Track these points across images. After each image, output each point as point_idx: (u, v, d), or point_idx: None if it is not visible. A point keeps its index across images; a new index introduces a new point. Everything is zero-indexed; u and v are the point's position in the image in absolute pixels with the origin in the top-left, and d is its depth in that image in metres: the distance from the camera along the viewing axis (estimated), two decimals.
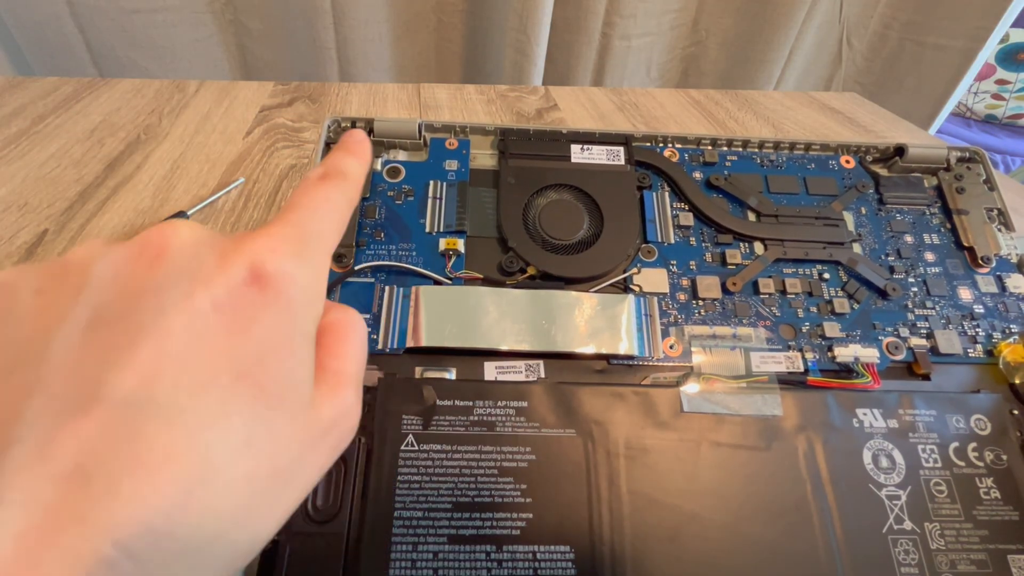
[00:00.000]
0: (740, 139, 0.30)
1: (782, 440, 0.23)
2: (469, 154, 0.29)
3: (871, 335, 0.26)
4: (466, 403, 0.22)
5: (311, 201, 0.14)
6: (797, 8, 0.83)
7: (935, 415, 0.24)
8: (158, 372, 0.10)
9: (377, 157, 0.28)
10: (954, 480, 0.23)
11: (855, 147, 0.31)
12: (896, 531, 0.22)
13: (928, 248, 0.28)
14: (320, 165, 0.16)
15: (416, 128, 0.29)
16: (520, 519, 0.21)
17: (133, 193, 0.43)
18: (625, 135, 0.29)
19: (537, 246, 0.26)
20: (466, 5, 0.79)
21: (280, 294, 0.12)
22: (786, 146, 0.30)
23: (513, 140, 0.29)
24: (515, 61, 0.77)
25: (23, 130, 0.48)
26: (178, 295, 0.11)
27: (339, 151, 0.16)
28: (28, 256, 0.37)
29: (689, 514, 0.21)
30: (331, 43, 0.75)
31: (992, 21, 0.78)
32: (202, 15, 0.73)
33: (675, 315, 0.26)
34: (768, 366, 0.25)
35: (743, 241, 0.28)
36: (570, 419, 0.23)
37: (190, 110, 0.54)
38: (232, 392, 0.11)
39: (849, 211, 0.29)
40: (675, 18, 0.86)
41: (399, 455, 0.21)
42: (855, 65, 0.93)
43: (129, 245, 0.12)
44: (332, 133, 0.29)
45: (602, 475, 0.22)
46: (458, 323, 0.24)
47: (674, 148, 0.30)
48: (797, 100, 0.68)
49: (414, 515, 0.20)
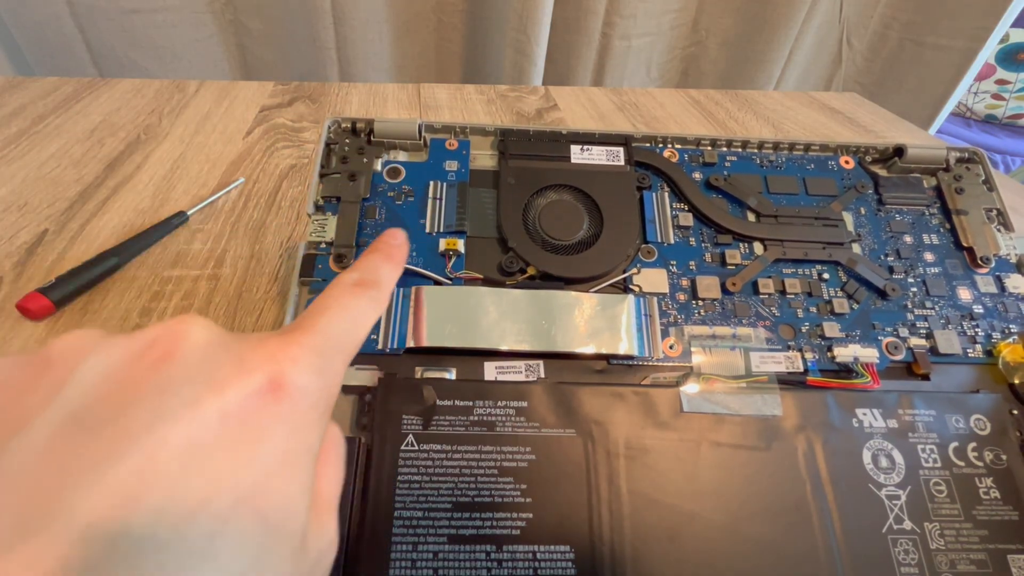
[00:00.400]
0: (740, 139, 0.30)
1: (782, 440, 0.23)
2: (469, 154, 0.29)
3: (871, 335, 0.26)
4: (466, 403, 0.22)
5: (342, 310, 0.13)
6: (797, 8, 0.83)
7: (935, 415, 0.24)
8: (139, 493, 0.08)
9: (377, 158, 0.28)
10: (954, 480, 0.23)
11: (854, 147, 0.31)
12: (896, 531, 0.22)
13: (927, 248, 0.28)
14: (355, 269, 0.15)
15: (416, 129, 0.29)
16: (520, 519, 0.21)
17: (133, 193, 0.43)
18: (625, 135, 0.30)
19: (537, 246, 0.26)
20: (466, 5, 0.79)
21: (296, 407, 0.11)
22: (785, 146, 0.30)
23: (513, 141, 0.29)
24: (515, 61, 0.77)
25: (23, 130, 0.48)
26: (182, 401, 0.09)
27: (377, 256, 0.15)
28: (28, 256, 0.37)
29: (689, 514, 0.21)
30: (331, 43, 0.76)
31: (992, 21, 0.78)
32: (202, 15, 0.73)
33: (675, 315, 0.26)
34: (768, 366, 0.25)
35: (743, 241, 0.28)
36: (570, 419, 0.23)
37: (190, 110, 0.54)
38: (228, 521, 0.09)
39: (848, 211, 0.29)
40: (675, 18, 0.86)
41: (399, 455, 0.21)
42: (855, 65, 0.93)
43: (131, 340, 0.11)
44: (332, 133, 0.29)
45: (602, 475, 0.22)
46: (458, 323, 0.24)
47: (674, 148, 0.30)
48: (797, 100, 0.68)
49: (414, 515, 0.20)
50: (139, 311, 0.34)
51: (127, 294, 0.35)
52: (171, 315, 0.34)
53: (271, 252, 0.39)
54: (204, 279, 0.36)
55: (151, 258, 0.37)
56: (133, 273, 0.36)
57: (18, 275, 0.35)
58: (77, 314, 0.34)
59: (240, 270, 0.37)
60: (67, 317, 0.33)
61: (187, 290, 0.36)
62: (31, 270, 0.36)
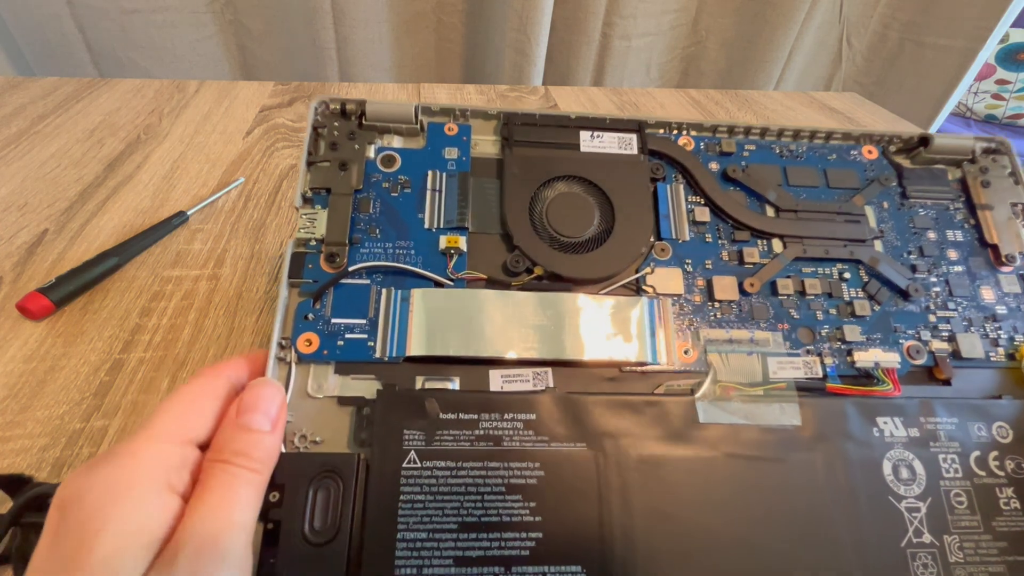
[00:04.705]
0: (759, 127, 0.28)
1: (800, 451, 0.22)
2: (470, 141, 0.27)
3: (892, 338, 0.25)
4: (471, 416, 0.21)
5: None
6: (797, 8, 0.83)
7: (957, 423, 0.23)
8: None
9: (369, 144, 0.26)
10: (974, 491, 0.22)
11: (878, 136, 0.29)
12: (915, 544, 0.21)
13: (951, 245, 0.27)
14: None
15: (412, 111, 0.26)
16: (529, 538, 0.20)
17: (133, 193, 0.43)
18: (638, 121, 0.27)
19: (544, 244, 0.25)
20: (466, 5, 0.79)
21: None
22: (806, 134, 0.29)
23: (518, 126, 0.27)
24: (515, 61, 0.78)
25: (23, 130, 0.48)
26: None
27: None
28: (28, 256, 0.36)
29: (704, 529, 0.20)
30: (331, 43, 0.76)
31: (992, 21, 0.78)
32: (202, 15, 0.73)
33: (690, 318, 0.24)
34: (785, 371, 0.24)
35: (761, 238, 0.26)
36: (580, 432, 0.21)
37: (190, 110, 0.54)
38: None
39: (871, 205, 0.27)
40: (675, 18, 0.86)
41: (401, 472, 0.20)
42: (855, 65, 0.93)
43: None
44: (320, 116, 0.27)
45: (614, 491, 0.21)
46: (461, 329, 0.22)
47: (689, 136, 0.28)
48: (797, 100, 0.67)
49: (418, 536, 0.19)
50: (139, 311, 0.34)
51: (127, 294, 0.35)
52: (171, 315, 0.34)
53: (271, 252, 0.39)
54: (204, 279, 0.36)
55: (151, 258, 0.37)
56: (133, 273, 0.36)
57: (18, 275, 0.35)
58: (77, 314, 0.33)
59: (240, 270, 0.37)
60: (67, 317, 0.33)
61: (187, 290, 0.36)
62: (31, 270, 0.36)
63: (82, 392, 0.30)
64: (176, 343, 0.33)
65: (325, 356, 0.22)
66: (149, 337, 0.33)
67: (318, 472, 0.20)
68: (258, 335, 0.34)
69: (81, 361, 0.31)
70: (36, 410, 0.29)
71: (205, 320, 0.34)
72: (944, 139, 0.28)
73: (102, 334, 0.33)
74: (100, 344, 0.32)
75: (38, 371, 0.31)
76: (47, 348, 0.32)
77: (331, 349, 0.22)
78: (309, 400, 0.21)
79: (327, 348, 0.22)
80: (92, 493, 0.15)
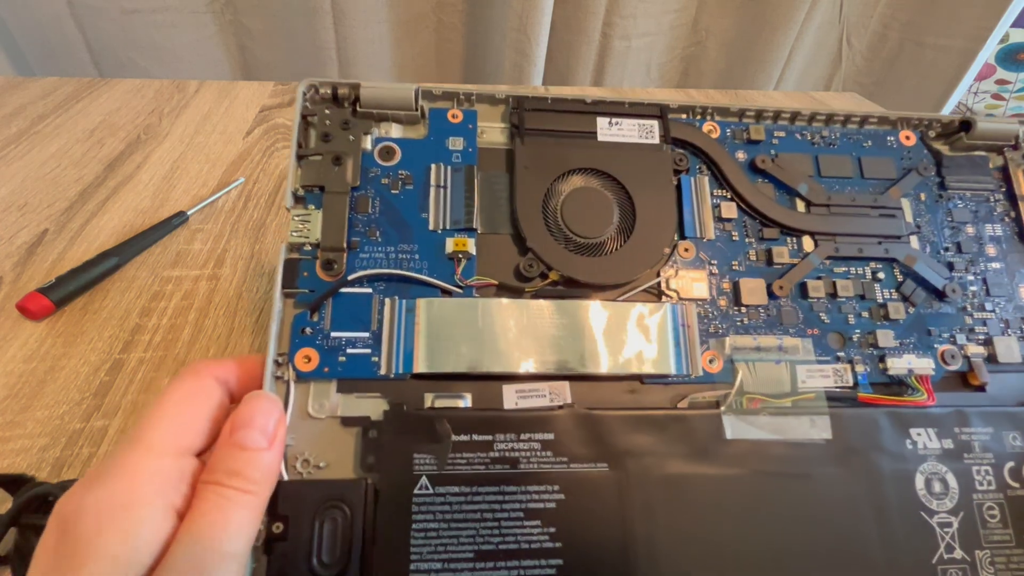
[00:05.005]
0: (789, 111, 0.26)
1: (831, 466, 0.21)
2: (476, 129, 0.24)
3: (926, 342, 0.23)
4: (485, 438, 0.20)
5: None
6: (797, 8, 0.82)
7: (991, 433, 0.22)
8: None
9: (366, 134, 0.24)
10: (1008, 503, 0.21)
11: (916, 120, 0.27)
12: (946, 561, 0.20)
13: (990, 240, 0.25)
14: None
15: (411, 95, 0.24)
16: (550, 566, 0.19)
17: (133, 193, 0.42)
18: (660, 105, 0.25)
19: (559, 245, 0.23)
20: (466, 5, 0.78)
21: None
22: (840, 119, 0.26)
23: (528, 112, 0.24)
24: (515, 61, 0.77)
25: (23, 130, 0.48)
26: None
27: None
28: (28, 256, 0.36)
29: (732, 552, 0.20)
30: (331, 43, 0.75)
31: (992, 21, 0.77)
32: (202, 15, 0.72)
33: (715, 325, 0.23)
34: (815, 380, 0.22)
35: (791, 235, 0.24)
36: (601, 451, 0.20)
37: (190, 110, 0.53)
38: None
39: (907, 198, 0.26)
40: (675, 18, 0.85)
41: (412, 500, 0.19)
42: (855, 65, 0.92)
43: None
44: (309, 101, 0.24)
45: (638, 513, 0.19)
46: (473, 343, 0.21)
47: (714, 122, 0.26)
48: (797, 100, 0.68)
49: (432, 567, 0.18)
50: (139, 311, 0.34)
51: (127, 294, 0.35)
52: (171, 315, 0.34)
53: (271, 252, 0.38)
54: (204, 279, 0.36)
55: (151, 258, 0.37)
56: (133, 273, 0.36)
57: (18, 275, 0.35)
58: (77, 314, 0.33)
59: (240, 270, 0.37)
60: (67, 317, 0.33)
61: (187, 290, 0.35)
62: (31, 270, 0.36)
63: (82, 392, 0.30)
64: (176, 343, 0.32)
65: (326, 373, 0.20)
66: (149, 337, 0.33)
67: (324, 501, 0.18)
68: (258, 335, 0.33)
69: (81, 361, 0.31)
70: (36, 410, 0.29)
71: (205, 320, 0.34)
72: (987, 123, 0.26)
73: (102, 334, 0.32)
74: (100, 344, 0.32)
75: (38, 371, 0.30)
76: (47, 348, 0.31)
77: (332, 366, 0.20)
78: (310, 421, 0.20)
79: (327, 365, 0.20)
80: (90, 513, 0.15)
